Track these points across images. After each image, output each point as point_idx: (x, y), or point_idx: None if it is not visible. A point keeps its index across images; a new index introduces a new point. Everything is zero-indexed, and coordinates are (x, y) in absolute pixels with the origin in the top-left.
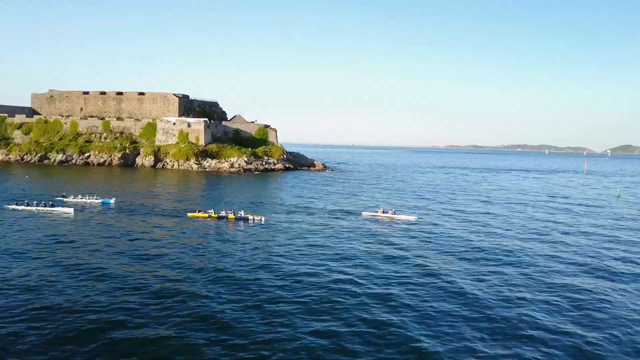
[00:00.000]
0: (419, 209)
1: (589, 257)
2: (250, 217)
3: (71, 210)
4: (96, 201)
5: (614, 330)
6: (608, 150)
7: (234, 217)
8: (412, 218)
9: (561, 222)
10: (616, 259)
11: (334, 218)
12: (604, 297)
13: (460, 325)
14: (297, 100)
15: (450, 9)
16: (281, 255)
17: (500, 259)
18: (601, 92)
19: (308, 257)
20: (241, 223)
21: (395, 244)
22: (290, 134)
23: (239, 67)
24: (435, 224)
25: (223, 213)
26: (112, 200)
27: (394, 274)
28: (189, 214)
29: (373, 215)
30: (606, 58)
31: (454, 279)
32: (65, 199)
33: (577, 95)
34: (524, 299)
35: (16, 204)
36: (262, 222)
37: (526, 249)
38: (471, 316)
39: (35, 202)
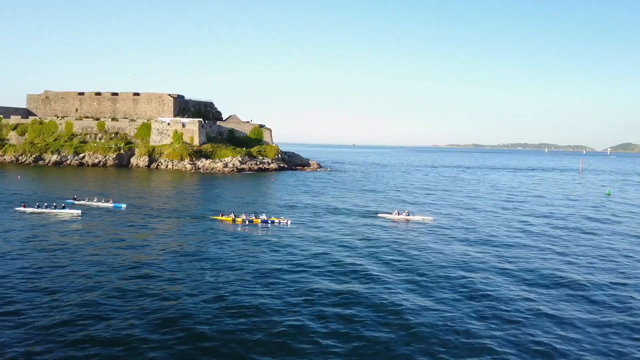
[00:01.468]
0: (412, 209)
1: (588, 268)
2: (276, 220)
3: (78, 211)
4: (108, 205)
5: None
6: (608, 149)
7: (258, 220)
8: (429, 219)
9: (546, 222)
10: (604, 262)
11: (350, 219)
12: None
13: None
14: (297, 100)
15: (450, 8)
16: (327, 263)
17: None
18: (602, 90)
19: (350, 261)
20: (268, 226)
21: (421, 248)
22: (290, 134)
23: (236, 67)
24: (446, 224)
25: (244, 217)
26: (124, 205)
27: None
28: (212, 217)
29: (388, 217)
30: (606, 58)
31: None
32: (76, 202)
33: (578, 94)
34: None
35: (24, 206)
36: (289, 225)
37: (505, 250)
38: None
39: (46, 204)
